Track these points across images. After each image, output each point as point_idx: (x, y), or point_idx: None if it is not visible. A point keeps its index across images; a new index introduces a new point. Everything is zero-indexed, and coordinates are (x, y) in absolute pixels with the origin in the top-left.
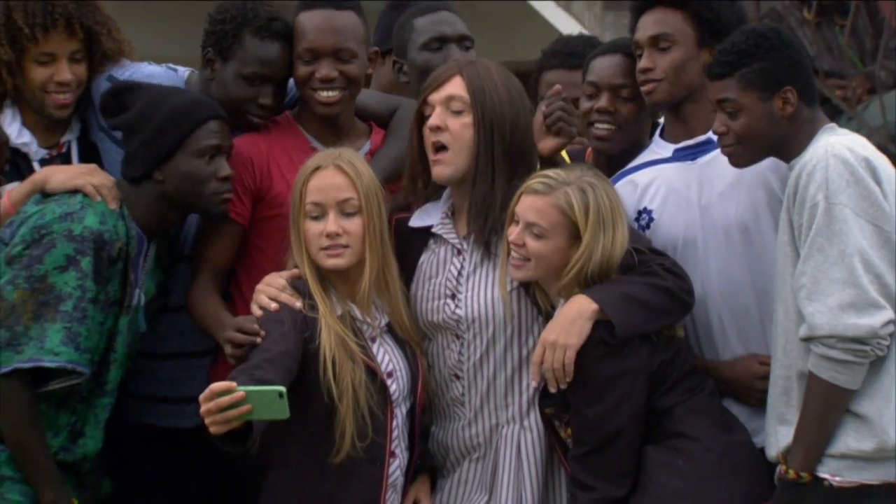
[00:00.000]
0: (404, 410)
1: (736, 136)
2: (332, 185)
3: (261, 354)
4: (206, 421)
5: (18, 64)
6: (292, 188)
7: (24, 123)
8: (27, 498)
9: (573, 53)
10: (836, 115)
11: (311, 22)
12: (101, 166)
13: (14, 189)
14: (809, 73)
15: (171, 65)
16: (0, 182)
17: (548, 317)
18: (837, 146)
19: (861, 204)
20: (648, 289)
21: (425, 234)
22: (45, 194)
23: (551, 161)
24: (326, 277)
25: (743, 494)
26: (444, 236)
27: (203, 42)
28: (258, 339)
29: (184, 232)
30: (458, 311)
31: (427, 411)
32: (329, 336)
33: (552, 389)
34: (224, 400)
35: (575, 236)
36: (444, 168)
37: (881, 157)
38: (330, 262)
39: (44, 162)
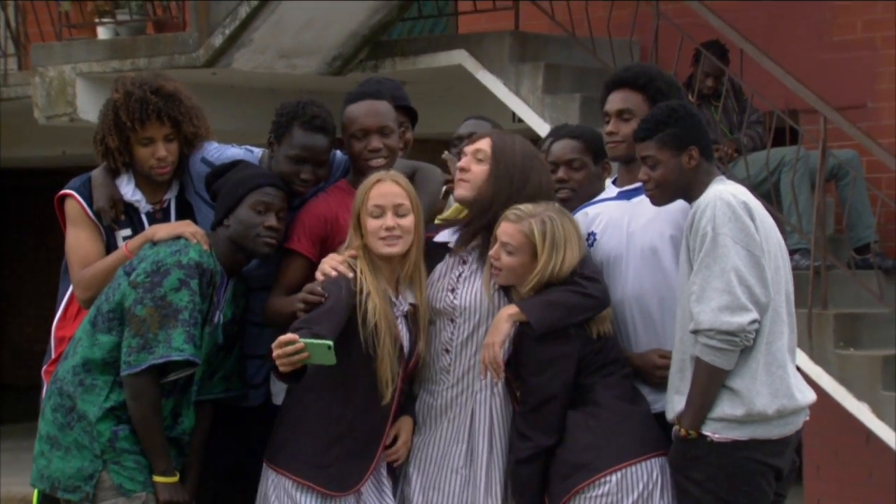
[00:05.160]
0: (402, 373)
1: (655, 182)
2: (391, 192)
3: (318, 309)
4: (277, 362)
5: (126, 147)
6: (356, 194)
7: (137, 185)
8: (139, 465)
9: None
10: None
11: (359, 109)
12: (195, 221)
13: (130, 241)
14: (708, 137)
15: (248, 146)
16: (113, 228)
17: None
18: (724, 192)
19: (738, 234)
20: (568, 293)
21: (443, 248)
22: (153, 243)
23: None
24: (374, 262)
25: (633, 447)
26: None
27: (270, 130)
28: (322, 300)
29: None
30: (455, 301)
31: (414, 381)
32: (375, 304)
33: (496, 380)
34: (289, 349)
35: (534, 254)
36: (460, 191)
37: (756, 201)
38: (387, 250)
39: (149, 214)
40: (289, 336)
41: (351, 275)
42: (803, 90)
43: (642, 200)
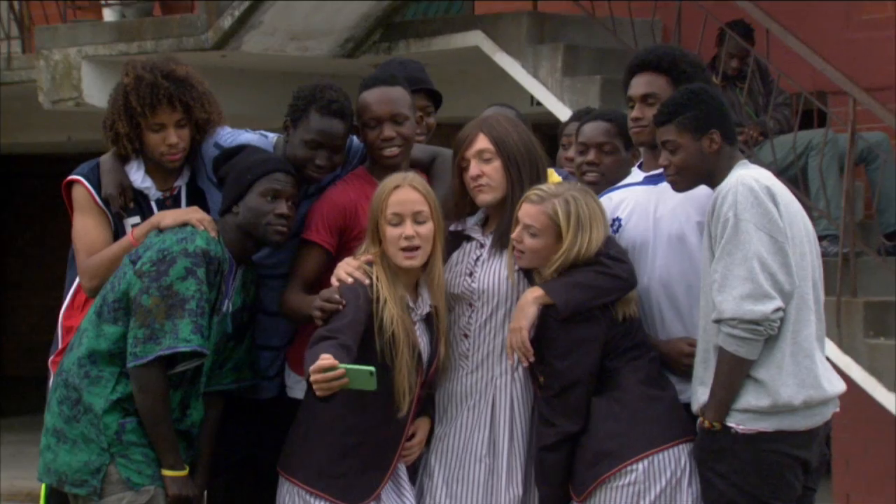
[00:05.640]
0: (420, 380)
1: (675, 167)
2: (409, 200)
3: (340, 319)
4: (315, 387)
5: (136, 133)
6: (372, 199)
7: (147, 172)
8: (147, 458)
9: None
10: None
11: (371, 96)
12: (206, 207)
13: (136, 228)
14: (730, 120)
15: (263, 131)
16: (121, 216)
17: None
18: (746, 177)
19: (761, 220)
20: (593, 274)
21: (459, 236)
22: (159, 230)
23: None
24: (391, 267)
25: (659, 434)
26: (473, 235)
27: (286, 113)
28: (340, 307)
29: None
30: (473, 284)
31: (433, 385)
32: (392, 314)
33: (524, 364)
34: (329, 374)
35: (559, 236)
36: (485, 196)
37: (781, 185)
38: (406, 263)
39: (159, 202)
40: (329, 361)
41: (367, 281)
42: (831, 71)
43: (669, 186)
